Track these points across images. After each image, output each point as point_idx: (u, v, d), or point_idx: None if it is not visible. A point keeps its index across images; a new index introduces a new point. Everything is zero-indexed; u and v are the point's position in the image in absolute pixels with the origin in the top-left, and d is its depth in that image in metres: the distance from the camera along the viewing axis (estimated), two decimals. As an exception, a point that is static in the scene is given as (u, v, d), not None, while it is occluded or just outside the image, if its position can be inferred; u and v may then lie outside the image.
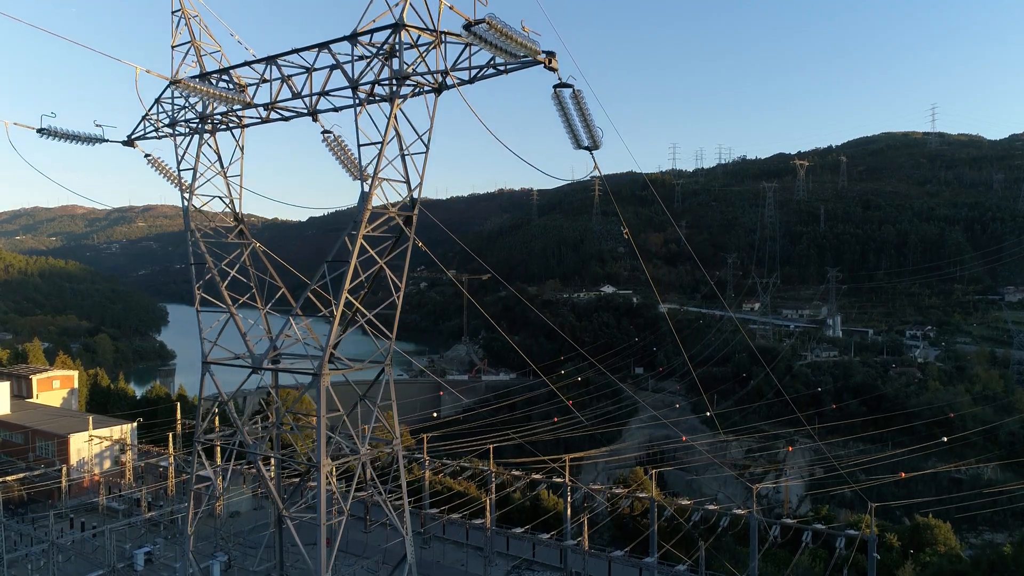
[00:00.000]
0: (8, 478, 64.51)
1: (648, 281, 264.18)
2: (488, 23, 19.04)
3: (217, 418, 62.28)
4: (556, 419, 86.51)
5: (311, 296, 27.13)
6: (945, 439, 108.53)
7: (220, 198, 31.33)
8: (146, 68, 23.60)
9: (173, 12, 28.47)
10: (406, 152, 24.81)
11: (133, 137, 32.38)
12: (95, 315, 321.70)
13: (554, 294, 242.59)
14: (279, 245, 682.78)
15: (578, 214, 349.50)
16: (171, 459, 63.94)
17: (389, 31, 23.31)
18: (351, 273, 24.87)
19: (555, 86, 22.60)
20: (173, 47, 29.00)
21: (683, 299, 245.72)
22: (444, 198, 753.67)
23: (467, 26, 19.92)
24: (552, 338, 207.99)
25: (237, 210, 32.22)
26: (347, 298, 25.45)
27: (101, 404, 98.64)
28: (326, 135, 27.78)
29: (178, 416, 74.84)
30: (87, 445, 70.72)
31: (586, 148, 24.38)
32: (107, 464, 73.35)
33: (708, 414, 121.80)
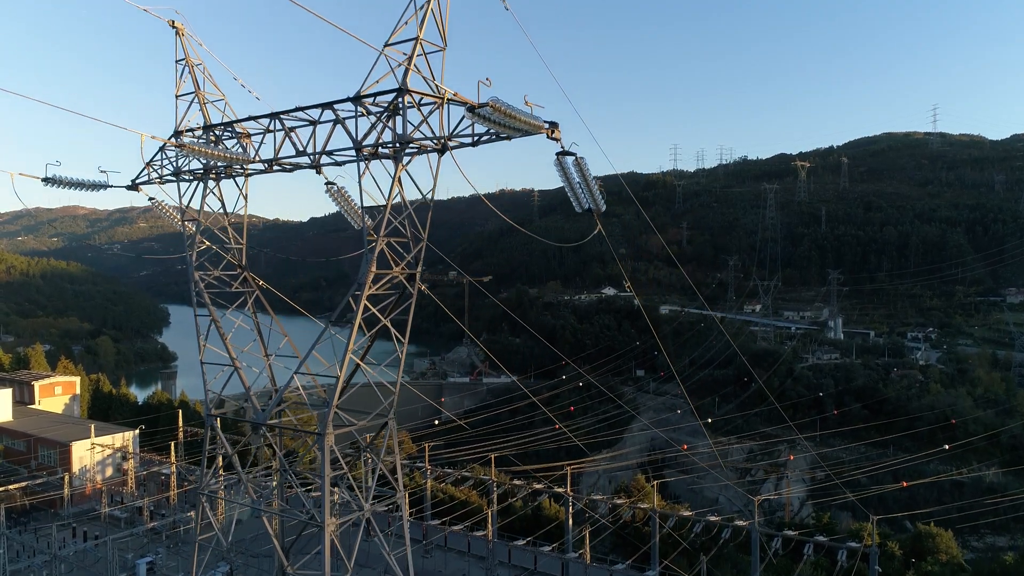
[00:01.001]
0: (11, 487, 64.67)
1: (649, 284, 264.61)
2: (492, 107, 19.37)
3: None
4: (558, 426, 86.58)
5: (317, 355, 27.24)
6: (947, 447, 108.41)
7: (224, 245, 31.41)
8: (151, 134, 23.78)
9: (177, 61, 28.58)
10: (410, 211, 24.91)
11: (137, 182, 32.63)
12: (97, 317, 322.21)
13: (555, 296, 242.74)
14: (280, 246, 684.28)
15: (579, 215, 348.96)
16: (173, 468, 63.99)
17: (393, 94, 23.43)
18: (355, 333, 24.96)
19: (558, 154, 22.86)
20: (177, 96, 29.09)
21: (684, 301, 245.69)
22: (445, 198, 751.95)
23: (471, 109, 20.39)
24: (553, 339, 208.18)
25: (241, 257, 32.32)
26: (351, 359, 25.52)
27: (103, 410, 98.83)
28: (330, 186, 27.89)
29: (180, 424, 74.95)
30: (89, 453, 70.85)
31: (588, 211, 24.68)
32: (109, 471, 73.48)
33: (709, 421, 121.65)
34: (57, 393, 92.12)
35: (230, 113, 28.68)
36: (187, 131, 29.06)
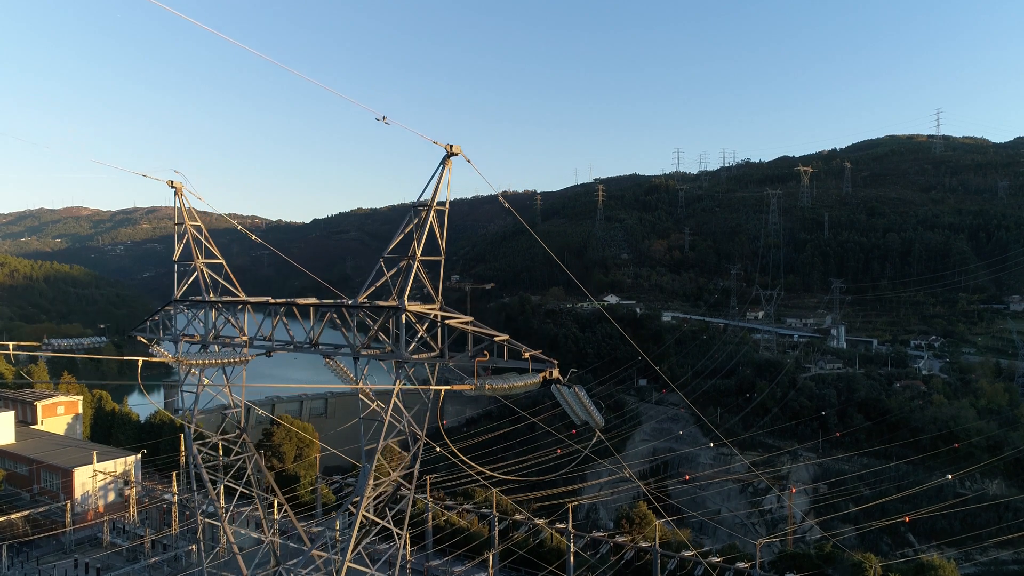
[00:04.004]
0: (13, 515, 64.75)
1: (652, 290, 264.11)
2: (490, 388, 20.19)
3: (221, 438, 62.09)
4: (559, 450, 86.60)
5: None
6: (950, 476, 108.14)
7: (223, 412, 31.49)
8: (150, 355, 24.12)
9: (176, 223, 28.57)
10: (408, 417, 24.95)
11: (135, 335, 32.92)
12: (100, 321, 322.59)
13: (557, 303, 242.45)
14: (283, 247, 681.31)
15: (581, 219, 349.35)
16: (175, 499, 64.00)
17: (391, 309, 23.49)
18: (353, 545, 24.88)
19: (554, 382, 23.18)
20: (176, 262, 29.12)
21: (687, 307, 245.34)
22: (448, 199, 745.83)
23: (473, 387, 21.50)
24: (555, 348, 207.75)
25: (240, 420, 32.43)
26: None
27: (105, 428, 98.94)
28: (329, 361, 27.94)
29: (182, 447, 74.92)
30: (91, 480, 70.90)
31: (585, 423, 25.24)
32: (111, 496, 73.56)
33: (711, 445, 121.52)
34: (59, 413, 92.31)
35: (229, 280, 28.72)
36: (185, 301, 29.16)
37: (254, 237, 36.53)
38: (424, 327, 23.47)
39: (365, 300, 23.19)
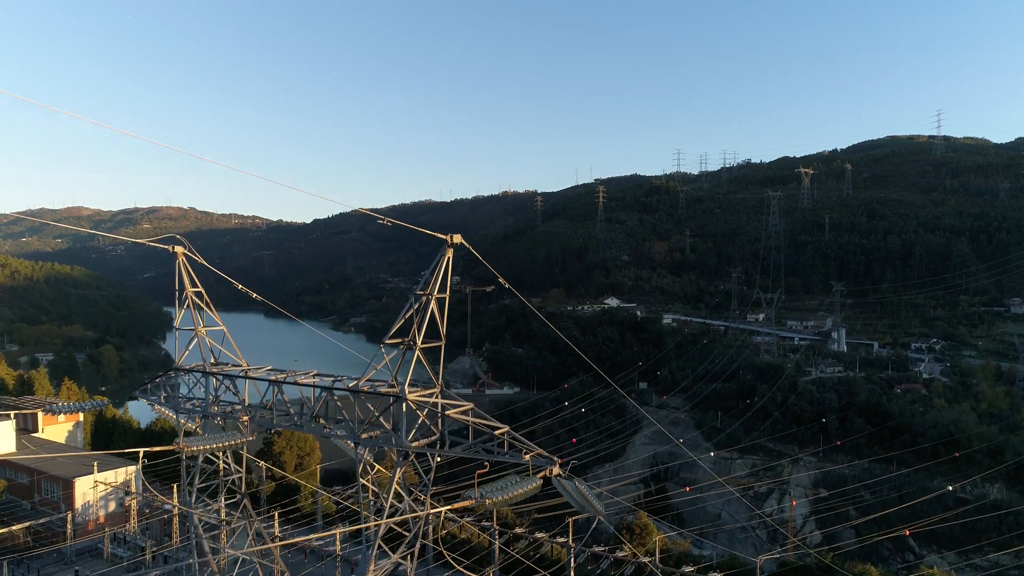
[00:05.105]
0: (14, 527, 64.78)
1: (652, 292, 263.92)
2: (491, 502, 20.84)
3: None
4: (560, 460, 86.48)
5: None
6: (951, 487, 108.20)
7: (224, 480, 31.57)
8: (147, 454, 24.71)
9: (176, 289, 28.71)
10: (409, 506, 25.05)
11: (137, 396, 33.31)
12: (101, 323, 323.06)
13: (558, 306, 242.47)
14: (284, 247, 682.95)
15: (582, 220, 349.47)
16: (175, 510, 64.03)
17: (391, 397, 23.58)
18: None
19: (555, 476, 23.32)
20: (176, 328, 29.26)
21: (687, 309, 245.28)
22: (448, 200, 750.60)
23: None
24: (556, 351, 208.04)
25: (241, 485, 32.54)
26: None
27: (106, 435, 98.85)
28: (329, 434, 28.05)
29: (183, 457, 74.85)
30: (92, 490, 70.92)
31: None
32: (112, 506, 73.54)
33: (712, 454, 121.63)
34: (60, 421, 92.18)
35: (229, 345, 28.85)
36: (185, 369, 29.28)
37: (238, 285, 35.92)
38: (424, 413, 23.65)
39: (367, 384, 23.35)
